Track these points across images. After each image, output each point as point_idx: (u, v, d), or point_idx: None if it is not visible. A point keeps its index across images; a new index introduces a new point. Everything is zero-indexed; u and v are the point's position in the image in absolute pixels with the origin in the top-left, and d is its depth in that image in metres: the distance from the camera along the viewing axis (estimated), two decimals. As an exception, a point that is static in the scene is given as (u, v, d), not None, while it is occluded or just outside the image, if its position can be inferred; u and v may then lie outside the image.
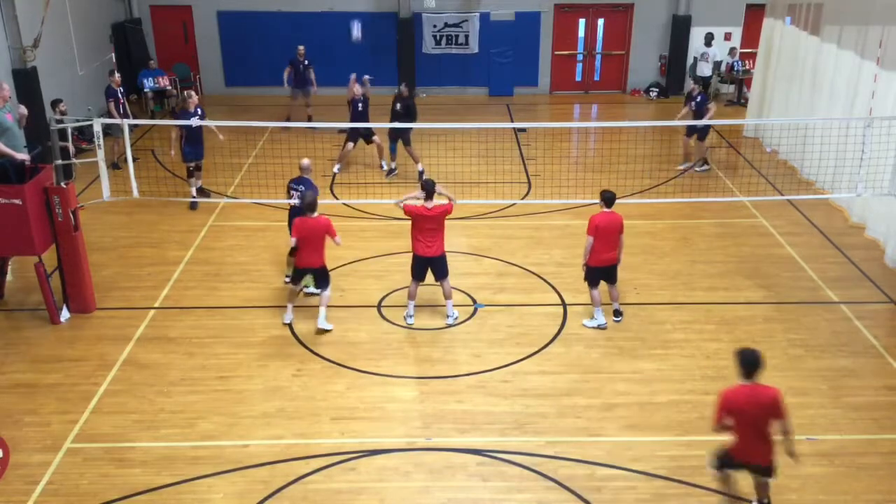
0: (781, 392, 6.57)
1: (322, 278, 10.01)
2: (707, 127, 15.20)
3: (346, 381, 8.97)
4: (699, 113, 15.02)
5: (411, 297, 10.11)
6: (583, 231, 12.86)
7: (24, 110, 11.59)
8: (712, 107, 15.24)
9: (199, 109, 13.61)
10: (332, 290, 10.11)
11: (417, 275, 10.03)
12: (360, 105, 14.90)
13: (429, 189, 9.73)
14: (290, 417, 8.35)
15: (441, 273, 10.00)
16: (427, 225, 9.80)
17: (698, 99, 15.21)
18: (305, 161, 10.89)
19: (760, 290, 10.97)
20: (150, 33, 21.22)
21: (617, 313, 10.12)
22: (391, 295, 10.80)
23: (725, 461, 6.78)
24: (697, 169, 15.36)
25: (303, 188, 10.59)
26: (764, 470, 6.68)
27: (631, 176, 14.19)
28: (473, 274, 11.47)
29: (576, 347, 9.63)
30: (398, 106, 14.90)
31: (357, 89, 14.82)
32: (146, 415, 8.39)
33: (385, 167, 15.59)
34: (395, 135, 15.07)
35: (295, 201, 10.62)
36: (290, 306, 10.15)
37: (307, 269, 9.89)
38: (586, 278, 9.97)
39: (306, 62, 18.04)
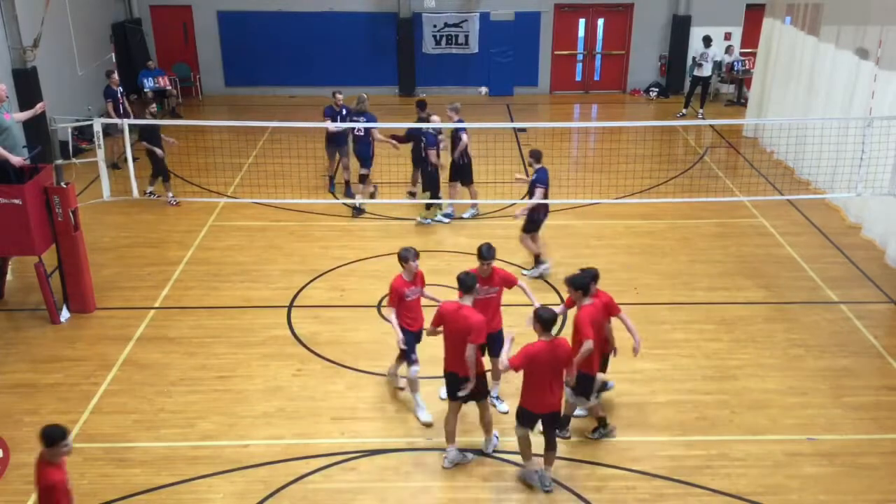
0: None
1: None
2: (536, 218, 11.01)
3: (346, 381, 8.97)
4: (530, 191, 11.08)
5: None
6: (583, 231, 12.99)
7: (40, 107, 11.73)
8: (539, 193, 10.82)
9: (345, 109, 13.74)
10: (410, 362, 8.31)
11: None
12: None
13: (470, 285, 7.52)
14: (290, 417, 8.35)
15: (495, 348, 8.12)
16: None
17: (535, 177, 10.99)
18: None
19: (760, 290, 10.98)
20: (150, 33, 21.22)
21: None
22: (391, 295, 10.79)
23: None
24: (527, 272, 11.24)
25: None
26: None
27: (631, 176, 14.19)
28: (473, 274, 11.45)
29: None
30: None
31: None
32: (146, 415, 8.39)
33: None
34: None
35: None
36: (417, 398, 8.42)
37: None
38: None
39: (344, 111, 13.92)
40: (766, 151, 16.65)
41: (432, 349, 8.24)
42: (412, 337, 8.18)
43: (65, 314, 10.22)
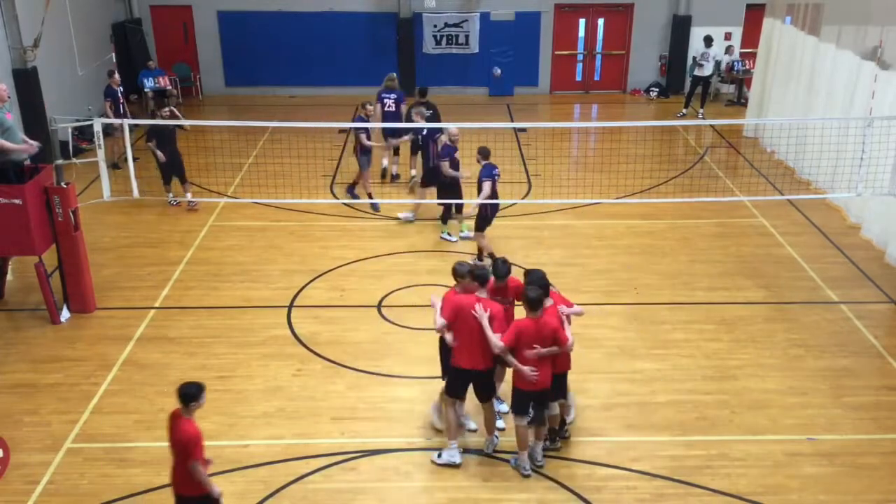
0: None
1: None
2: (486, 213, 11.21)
3: (346, 381, 8.97)
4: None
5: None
6: (584, 231, 12.99)
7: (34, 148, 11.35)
8: (486, 187, 10.96)
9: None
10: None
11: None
12: None
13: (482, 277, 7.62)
14: (290, 417, 8.35)
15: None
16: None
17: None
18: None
19: (760, 290, 10.98)
20: (150, 33, 21.22)
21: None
22: (391, 295, 10.80)
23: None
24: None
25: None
26: None
27: (631, 176, 14.19)
28: (473, 274, 11.45)
29: (575, 347, 9.58)
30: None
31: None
32: (146, 415, 8.39)
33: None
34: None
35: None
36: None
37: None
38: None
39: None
40: (767, 151, 16.65)
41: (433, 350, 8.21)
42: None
43: (65, 314, 10.22)
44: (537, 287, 7.24)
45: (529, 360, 7.15)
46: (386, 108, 14.56)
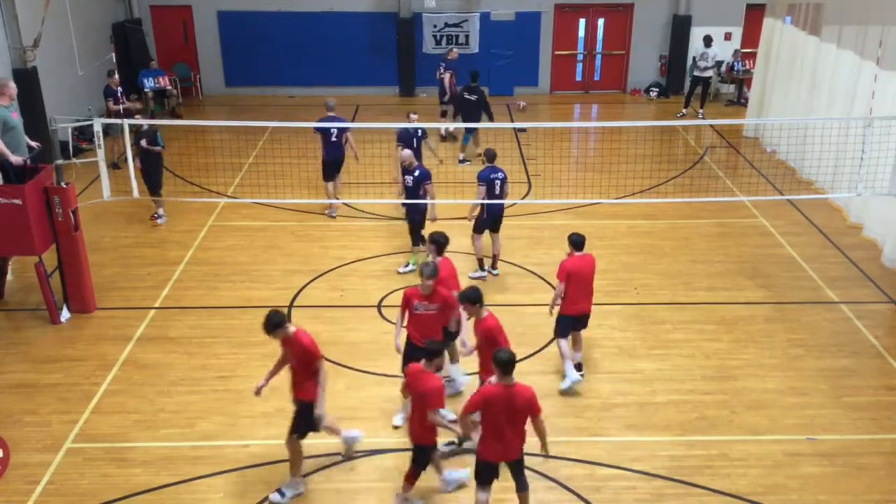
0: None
1: None
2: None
3: (346, 381, 8.97)
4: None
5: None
6: (584, 231, 12.88)
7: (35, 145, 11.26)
8: (479, 190, 10.84)
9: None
10: None
11: None
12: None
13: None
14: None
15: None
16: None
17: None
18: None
19: (760, 290, 10.98)
20: (150, 33, 21.22)
21: (579, 367, 8.92)
22: (391, 295, 10.79)
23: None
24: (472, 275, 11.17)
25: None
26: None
27: (631, 176, 14.18)
28: (473, 274, 11.46)
29: (576, 347, 9.62)
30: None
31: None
32: (146, 415, 8.39)
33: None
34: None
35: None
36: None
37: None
38: (558, 331, 8.79)
39: (420, 132, 13.22)
40: (767, 151, 16.65)
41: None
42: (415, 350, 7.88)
43: (65, 314, 10.22)
44: (508, 349, 6.70)
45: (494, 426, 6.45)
46: (439, 76, 17.54)
